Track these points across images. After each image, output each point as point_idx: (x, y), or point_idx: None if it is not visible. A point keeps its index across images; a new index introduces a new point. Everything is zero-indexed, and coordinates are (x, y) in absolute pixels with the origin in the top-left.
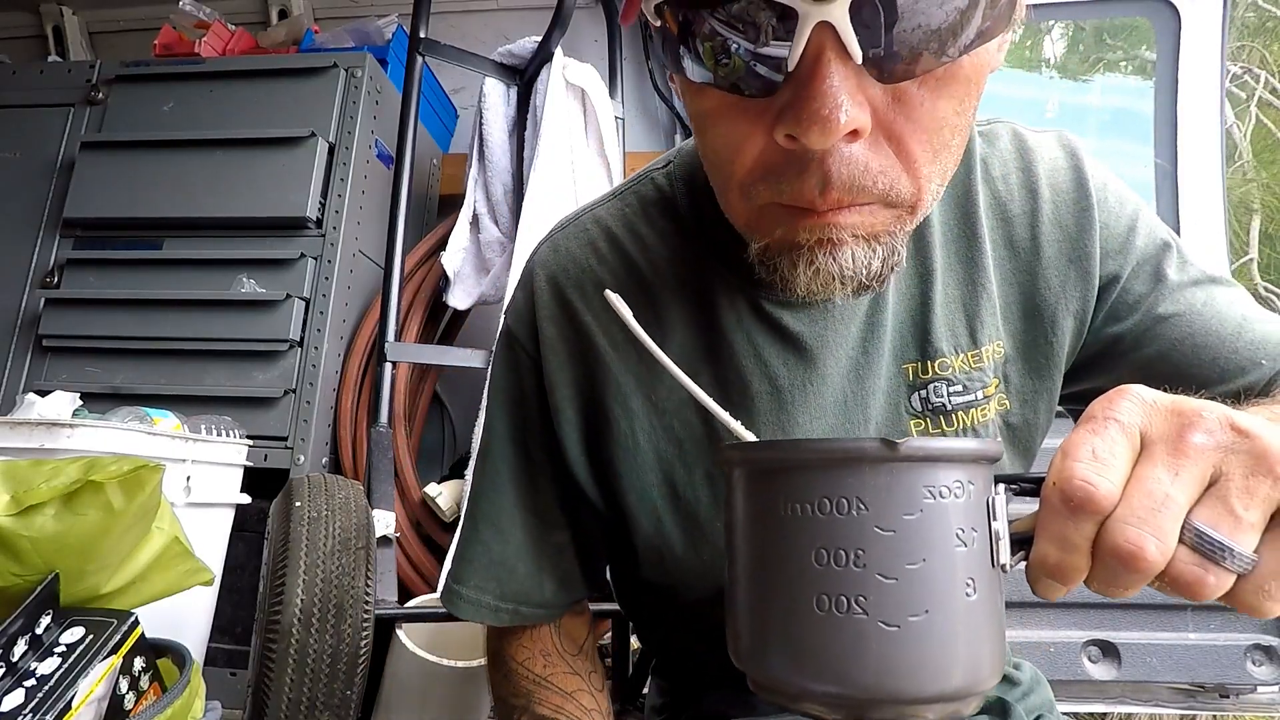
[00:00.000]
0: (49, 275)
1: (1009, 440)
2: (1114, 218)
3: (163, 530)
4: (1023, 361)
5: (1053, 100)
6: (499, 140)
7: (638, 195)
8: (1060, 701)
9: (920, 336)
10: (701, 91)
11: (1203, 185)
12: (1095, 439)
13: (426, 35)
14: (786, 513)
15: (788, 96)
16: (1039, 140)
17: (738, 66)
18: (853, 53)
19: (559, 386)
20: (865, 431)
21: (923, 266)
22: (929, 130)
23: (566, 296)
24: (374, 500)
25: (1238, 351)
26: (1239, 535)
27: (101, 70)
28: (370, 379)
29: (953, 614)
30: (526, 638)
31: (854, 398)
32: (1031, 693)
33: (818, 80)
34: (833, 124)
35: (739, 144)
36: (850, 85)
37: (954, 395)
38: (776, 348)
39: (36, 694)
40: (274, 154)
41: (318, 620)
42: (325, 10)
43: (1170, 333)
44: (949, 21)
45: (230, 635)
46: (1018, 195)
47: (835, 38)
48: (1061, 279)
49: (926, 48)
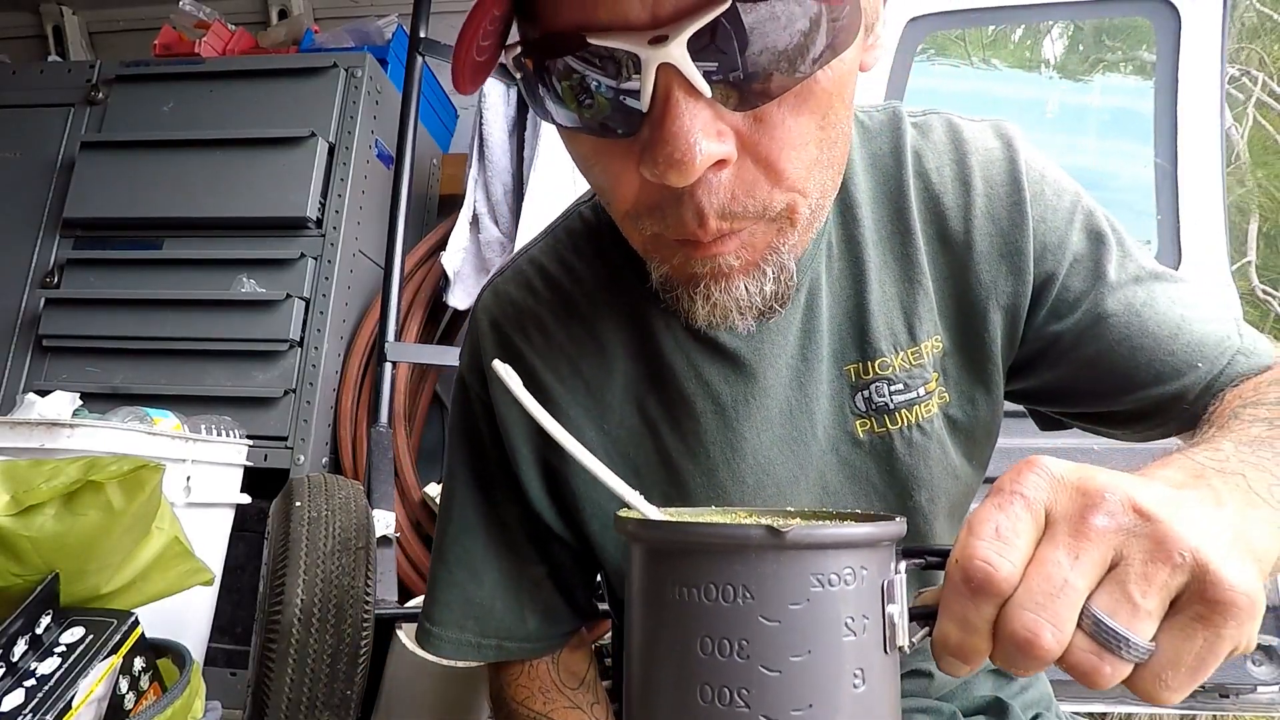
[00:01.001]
0: (49, 275)
1: (952, 435)
2: (1050, 211)
3: (163, 530)
4: (960, 355)
5: (1053, 100)
6: (499, 140)
7: (567, 230)
8: (1060, 701)
9: (859, 337)
10: (574, 136)
11: (1203, 185)
12: (1000, 515)
13: (426, 35)
14: (674, 596)
15: (646, 136)
16: (974, 130)
17: (601, 109)
18: (700, 89)
19: (513, 427)
20: (814, 438)
21: (856, 266)
22: (795, 146)
23: (510, 338)
24: (374, 500)
25: (1174, 354)
26: (1136, 624)
27: (101, 70)
28: (370, 379)
29: (838, 708)
30: (524, 676)
31: (799, 405)
32: (1029, 687)
33: (668, 121)
34: (688, 164)
35: (616, 182)
36: (705, 118)
37: (896, 394)
38: (716, 366)
39: (36, 694)
40: (274, 154)
41: (318, 620)
42: (325, 10)
43: (1108, 334)
44: (794, 43)
45: (230, 635)
46: (951, 188)
47: (681, 77)
48: (992, 274)
49: (776, 69)
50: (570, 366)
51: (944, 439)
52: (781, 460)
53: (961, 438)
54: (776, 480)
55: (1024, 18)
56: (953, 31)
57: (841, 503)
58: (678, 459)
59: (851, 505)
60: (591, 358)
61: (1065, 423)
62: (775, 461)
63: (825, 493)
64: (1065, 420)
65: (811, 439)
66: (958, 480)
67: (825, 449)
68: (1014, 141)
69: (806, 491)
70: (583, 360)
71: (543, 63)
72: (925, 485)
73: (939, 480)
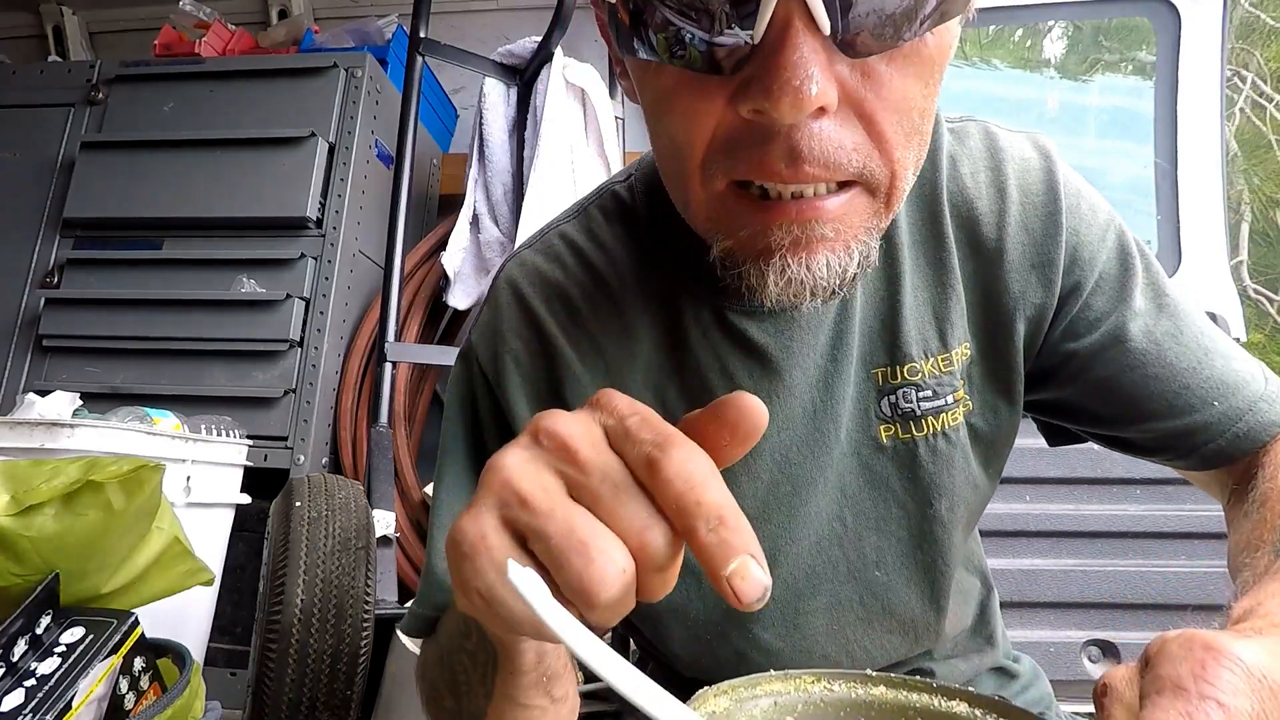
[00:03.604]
0: (49, 275)
1: (974, 444)
2: (1084, 225)
3: (163, 530)
4: (985, 364)
5: (1053, 100)
6: (499, 140)
7: (600, 208)
8: (1060, 702)
9: (889, 341)
10: (659, 71)
11: (1203, 185)
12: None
13: (426, 35)
14: None
15: (753, 69)
16: (1011, 140)
17: (697, 41)
18: (821, 24)
19: (517, 406)
20: (836, 440)
21: (890, 269)
22: (899, 110)
23: (531, 307)
24: (374, 500)
25: (1189, 389)
26: None
27: (101, 70)
28: (370, 379)
29: None
30: None
31: (823, 407)
32: (1030, 686)
33: (787, 50)
34: (804, 95)
35: (695, 123)
36: (820, 59)
37: (923, 400)
38: (741, 360)
39: (36, 694)
40: (274, 154)
41: (318, 620)
42: (325, 10)
43: (1123, 358)
44: (910, 1)
45: (230, 635)
46: (985, 194)
47: (804, 8)
48: (1022, 284)
49: (893, 22)
50: (592, 345)
51: (967, 448)
52: (800, 461)
53: (982, 447)
54: (793, 480)
55: (1024, 18)
56: None
57: (859, 507)
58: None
59: (869, 510)
60: (615, 339)
61: (1077, 437)
62: (794, 462)
63: (844, 496)
64: (1081, 436)
65: (834, 441)
66: (976, 490)
67: (847, 452)
68: (1051, 154)
69: (824, 494)
70: (606, 341)
71: None
72: (946, 494)
73: (960, 490)
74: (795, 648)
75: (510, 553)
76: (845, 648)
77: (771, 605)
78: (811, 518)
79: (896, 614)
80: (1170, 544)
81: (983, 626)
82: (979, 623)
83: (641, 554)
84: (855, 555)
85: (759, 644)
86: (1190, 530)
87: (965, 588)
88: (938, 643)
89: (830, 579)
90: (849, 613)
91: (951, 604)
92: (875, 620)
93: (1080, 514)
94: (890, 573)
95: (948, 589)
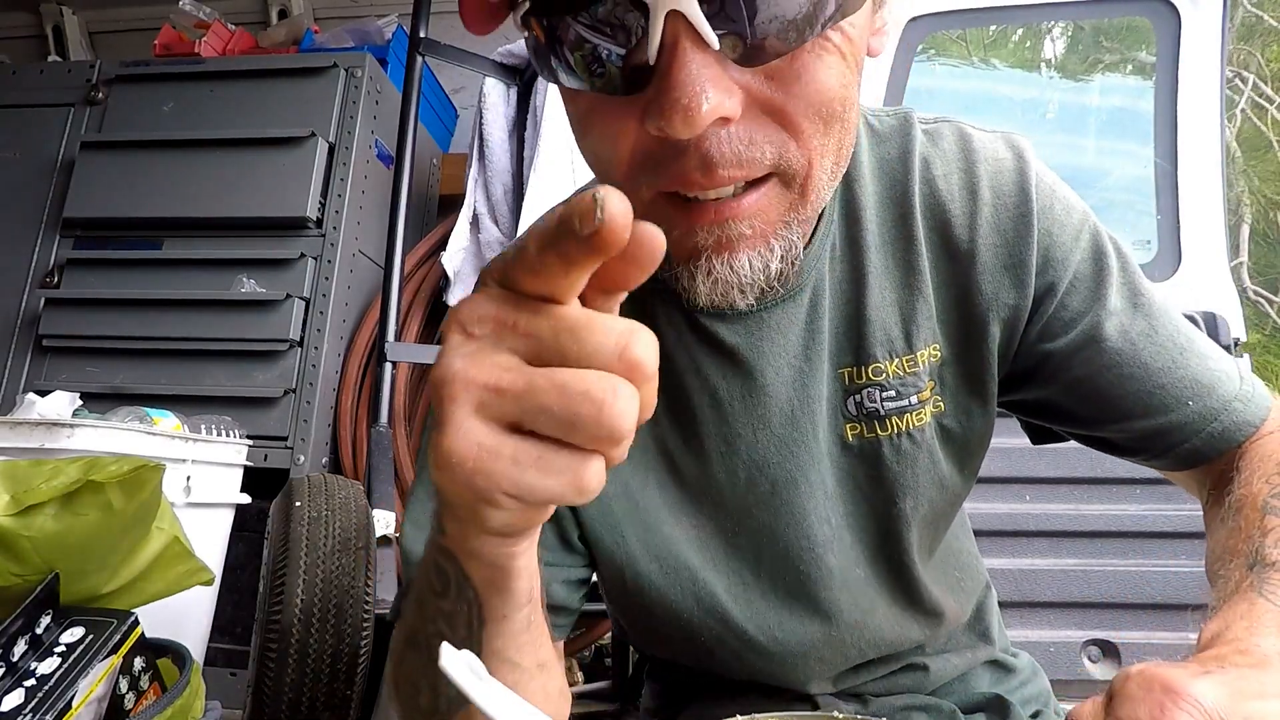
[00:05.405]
0: (49, 275)
1: (945, 445)
2: (1057, 226)
3: (163, 530)
4: (958, 365)
5: (1053, 100)
6: (499, 140)
7: None
8: (1060, 701)
9: (855, 341)
10: (576, 96)
11: (1203, 186)
12: None
13: (426, 35)
14: None
15: (653, 90)
16: (985, 140)
17: (605, 67)
18: (708, 39)
19: None
20: (815, 440)
21: (857, 270)
22: (813, 102)
23: None
24: (374, 500)
25: (1164, 388)
26: None
27: (101, 70)
28: (370, 379)
29: None
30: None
31: (801, 406)
32: (1029, 682)
33: (674, 70)
34: (694, 112)
35: (614, 142)
36: (712, 72)
37: (887, 400)
38: (715, 362)
39: (36, 694)
40: (274, 154)
41: (318, 620)
42: (325, 10)
43: (1100, 359)
44: (805, 5)
45: (230, 635)
46: (958, 196)
47: (689, 28)
48: (994, 286)
49: (791, 27)
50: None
51: (934, 449)
52: (778, 460)
53: (954, 448)
54: (772, 480)
55: (1024, 18)
56: (953, 31)
57: (836, 506)
58: (674, 451)
59: (846, 510)
60: None
61: (1059, 436)
62: (771, 461)
63: (826, 497)
64: (1061, 435)
65: (813, 440)
66: (944, 489)
67: (824, 451)
68: (1025, 154)
69: (808, 495)
70: None
71: (550, 18)
72: (910, 493)
73: (924, 489)
74: (793, 650)
75: (511, 440)
76: (840, 649)
77: (765, 607)
78: (796, 519)
79: (879, 613)
80: (1170, 544)
81: (978, 622)
82: (974, 618)
83: (634, 371)
84: (841, 556)
85: (754, 647)
86: (1190, 530)
87: (957, 584)
88: (929, 638)
89: (826, 582)
90: (841, 613)
91: (941, 600)
92: (866, 619)
93: (1080, 514)
94: (868, 570)
95: (918, 587)
